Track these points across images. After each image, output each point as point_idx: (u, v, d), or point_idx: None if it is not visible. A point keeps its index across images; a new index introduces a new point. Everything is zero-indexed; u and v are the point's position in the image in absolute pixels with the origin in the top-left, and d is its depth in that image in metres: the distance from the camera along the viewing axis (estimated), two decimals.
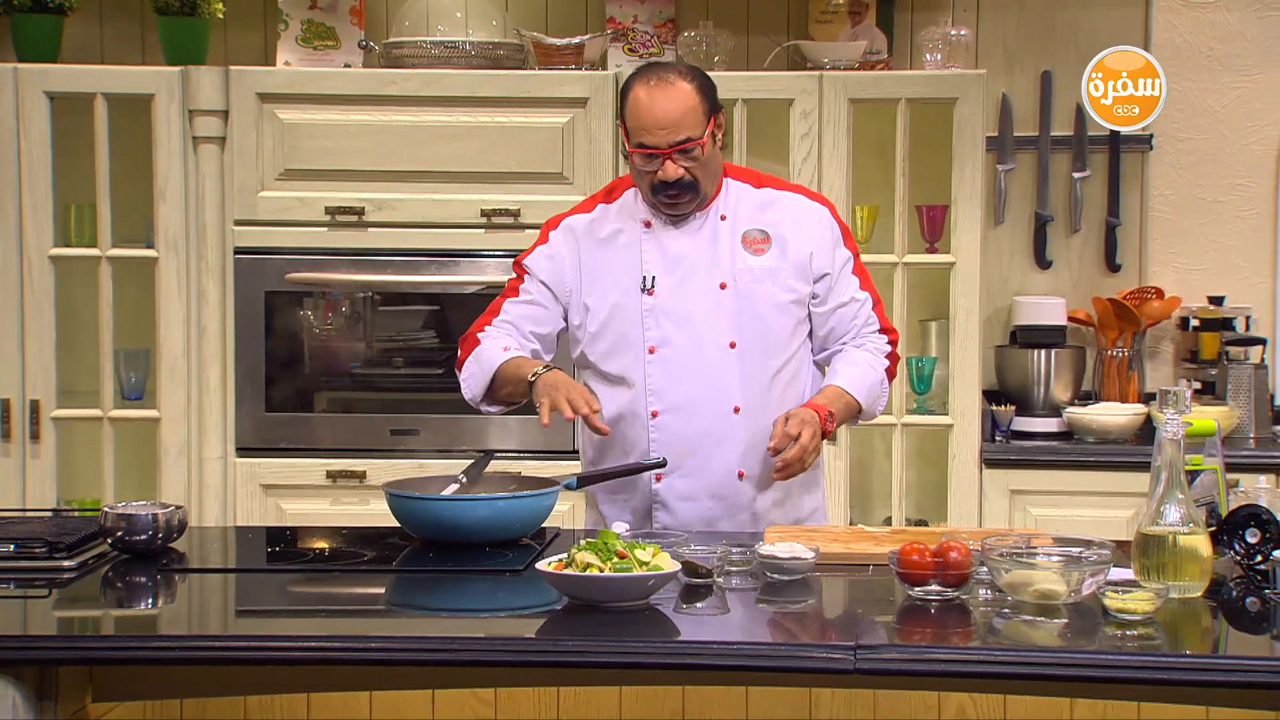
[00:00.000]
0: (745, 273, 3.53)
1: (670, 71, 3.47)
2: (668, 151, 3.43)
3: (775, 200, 3.59)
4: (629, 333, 3.55)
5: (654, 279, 3.54)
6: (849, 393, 3.54)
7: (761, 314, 3.53)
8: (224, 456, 4.88)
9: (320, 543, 3.66)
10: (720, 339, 3.53)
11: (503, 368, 3.53)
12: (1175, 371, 5.31)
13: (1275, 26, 5.21)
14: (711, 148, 3.49)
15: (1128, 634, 2.68)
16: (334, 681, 2.89)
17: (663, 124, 3.42)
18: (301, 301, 4.91)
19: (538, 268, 3.63)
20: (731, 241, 3.55)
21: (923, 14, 5.24)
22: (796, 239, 3.56)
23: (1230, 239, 5.28)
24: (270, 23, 5.19)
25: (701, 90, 3.46)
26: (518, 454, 4.83)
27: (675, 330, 3.53)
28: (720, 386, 3.52)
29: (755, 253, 3.54)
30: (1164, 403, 2.98)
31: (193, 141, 4.85)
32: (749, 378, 3.52)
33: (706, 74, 3.53)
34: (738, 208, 3.57)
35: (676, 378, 3.53)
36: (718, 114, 3.50)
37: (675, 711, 3.03)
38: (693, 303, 3.53)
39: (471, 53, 4.95)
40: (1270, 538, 3.01)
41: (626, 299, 3.55)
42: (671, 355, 3.53)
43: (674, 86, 3.43)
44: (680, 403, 3.53)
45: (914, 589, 2.88)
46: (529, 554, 3.21)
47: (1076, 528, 3.63)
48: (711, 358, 3.52)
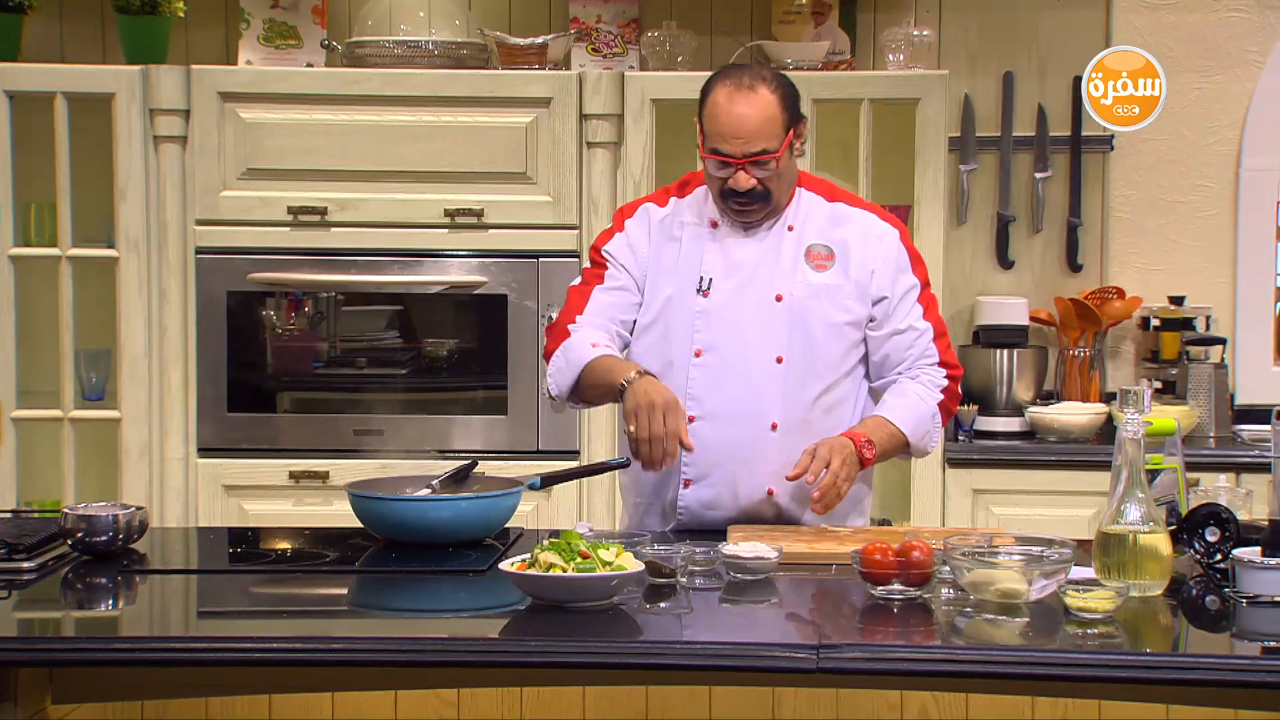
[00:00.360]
0: (803, 287, 3.45)
1: (755, 77, 3.38)
2: (741, 162, 3.35)
3: (846, 217, 3.50)
4: (678, 331, 3.48)
5: (711, 281, 3.46)
6: (893, 424, 3.45)
7: (813, 332, 3.45)
8: (185, 457, 4.86)
9: (283, 543, 3.65)
10: (768, 352, 3.45)
11: (592, 365, 3.40)
12: (1136, 371, 5.34)
13: (1235, 28, 5.25)
14: (788, 159, 3.41)
15: (1088, 633, 2.70)
16: (296, 682, 2.88)
17: (739, 133, 3.34)
18: (264, 301, 4.89)
19: (620, 254, 3.53)
20: (795, 254, 3.47)
21: (885, 14, 5.26)
22: (861, 258, 3.47)
23: (1191, 239, 5.31)
24: (232, 22, 5.16)
25: (784, 100, 3.38)
26: (481, 454, 4.82)
27: (724, 336, 3.45)
28: (760, 401, 3.44)
29: (818, 268, 3.46)
30: (1124, 402, 3.00)
31: (154, 141, 4.82)
32: (791, 396, 3.45)
33: (791, 82, 3.44)
34: (807, 220, 3.49)
35: (718, 385, 3.45)
36: (798, 124, 3.41)
37: (639, 711, 3.03)
38: (745, 311, 3.45)
39: (434, 52, 4.94)
40: (1230, 536, 3.03)
41: (681, 297, 3.48)
42: (716, 362, 3.45)
43: (755, 94, 3.34)
44: (717, 412, 3.45)
45: (877, 588, 2.88)
46: (492, 554, 3.20)
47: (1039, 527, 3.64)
48: (756, 370, 3.44)
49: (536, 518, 4.70)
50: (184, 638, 2.80)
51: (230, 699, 3.07)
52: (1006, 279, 5.33)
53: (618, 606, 2.82)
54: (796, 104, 3.42)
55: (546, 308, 4.81)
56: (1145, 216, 5.32)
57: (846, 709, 3.02)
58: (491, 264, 4.83)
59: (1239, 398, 5.23)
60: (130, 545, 3.26)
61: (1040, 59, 5.28)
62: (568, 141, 4.81)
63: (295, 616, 2.99)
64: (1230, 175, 5.29)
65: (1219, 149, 5.29)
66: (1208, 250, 5.31)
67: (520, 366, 4.84)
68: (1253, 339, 5.28)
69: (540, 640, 2.67)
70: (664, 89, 4.84)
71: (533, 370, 4.82)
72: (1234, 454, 4.82)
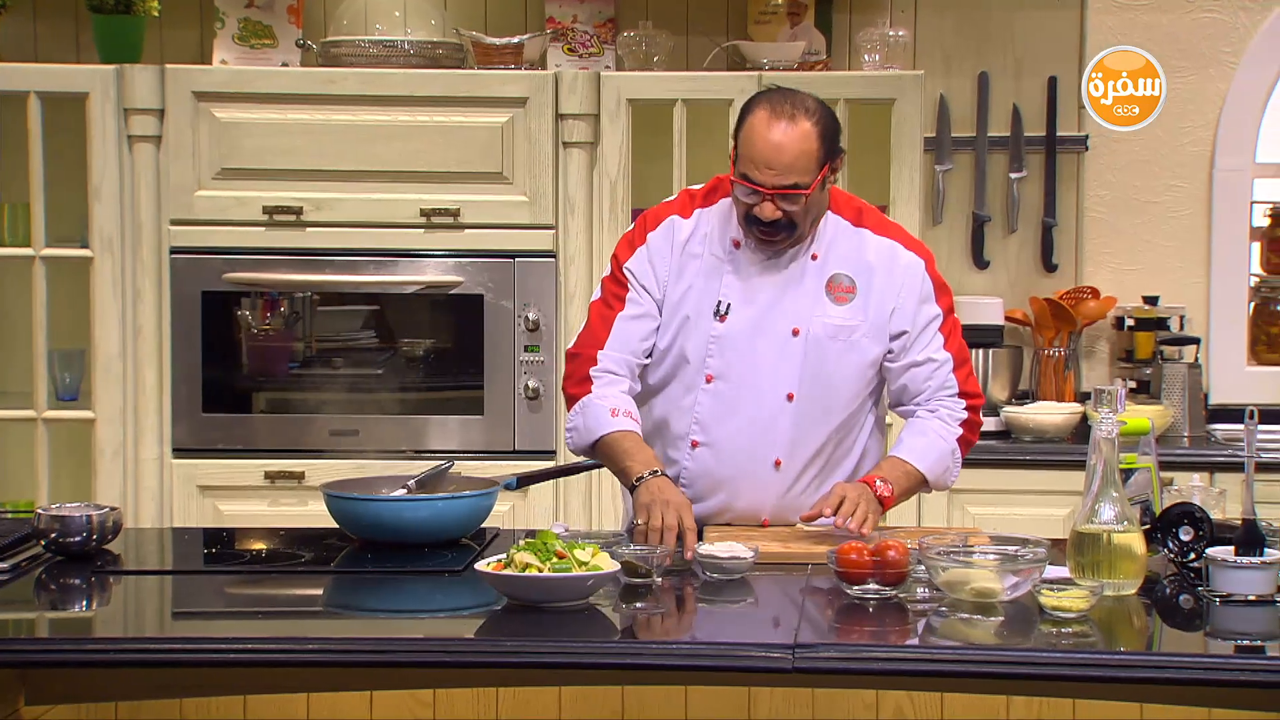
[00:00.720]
0: (821, 325, 3.38)
1: (798, 106, 3.27)
2: (770, 192, 3.26)
3: (871, 244, 3.42)
4: (691, 353, 3.41)
5: (729, 306, 3.39)
6: (911, 464, 3.40)
7: (828, 371, 3.39)
8: (160, 458, 4.84)
9: (258, 544, 3.64)
10: (779, 388, 3.39)
11: (608, 441, 3.34)
12: (1111, 371, 5.36)
13: (1208, 28, 5.27)
14: (819, 194, 3.31)
15: (1063, 631, 2.70)
16: (271, 683, 2.88)
17: (772, 164, 3.24)
18: (239, 301, 4.87)
19: (642, 273, 3.44)
20: (817, 286, 3.39)
21: (861, 15, 5.26)
22: (883, 293, 3.40)
23: (1165, 239, 5.33)
24: (206, 21, 5.15)
25: (824, 134, 3.27)
26: (457, 454, 4.81)
27: (737, 365, 3.39)
28: (766, 437, 3.40)
29: (838, 300, 3.39)
30: (1099, 402, 3.01)
31: (128, 140, 4.81)
32: (800, 434, 3.40)
33: (834, 115, 3.34)
34: (831, 247, 3.41)
35: (726, 415, 3.40)
36: (835, 159, 3.32)
37: (614, 711, 3.03)
38: (760, 342, 3.38)
39: (410, 52, 4.94)
40: (1203, 535, 3.04)
41: (698, 318, 3.41)
42: (726, 391, 3.40)
43: (795, 125, 3.24)
44: (721, 442, 3.41)
45: (852, 588, 2.89)
46: (468, 554, 3.20)
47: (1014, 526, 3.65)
48: (766, 406, 3.39)
49: (513, 518, 4.70)
50: (158, 639, 2.80)
51: (205, 700, 3.06)
52: (982, 279, 5.34)
53: (593, 606, 2.82)
54: (836, 138, 3.33)
55: (523, 307, 4.80)
56: (1120, 216, 5.34)
57: (822, 708, 3.02)
58: (468, 264, 4.83)
59: (1213, 397, 5.25)
60: (104, 546, 3.25)
61: (1015, 59, 5.30)
62: (544, 141, 4.80)
63: (270, 617, 2.99)
64: (1204, 175, 5.31)
65: (1192, 149, 5.31)
66: (1182, 250, 5.33)
67: (496, 366, 4.83)
68: (1226, 339, 5.30)
69: (516, 640, 2.67)
70: (640, 89, 4.84)
71: (509, 370, 4.82)
72: (1208, 453, 4.84)
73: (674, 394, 3.45)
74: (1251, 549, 2.88)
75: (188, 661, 2.68)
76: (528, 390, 4.82)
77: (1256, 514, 2.91)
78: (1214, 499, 3.27)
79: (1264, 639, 2.78)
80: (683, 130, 4.84)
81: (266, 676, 2.81)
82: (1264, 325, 5.33)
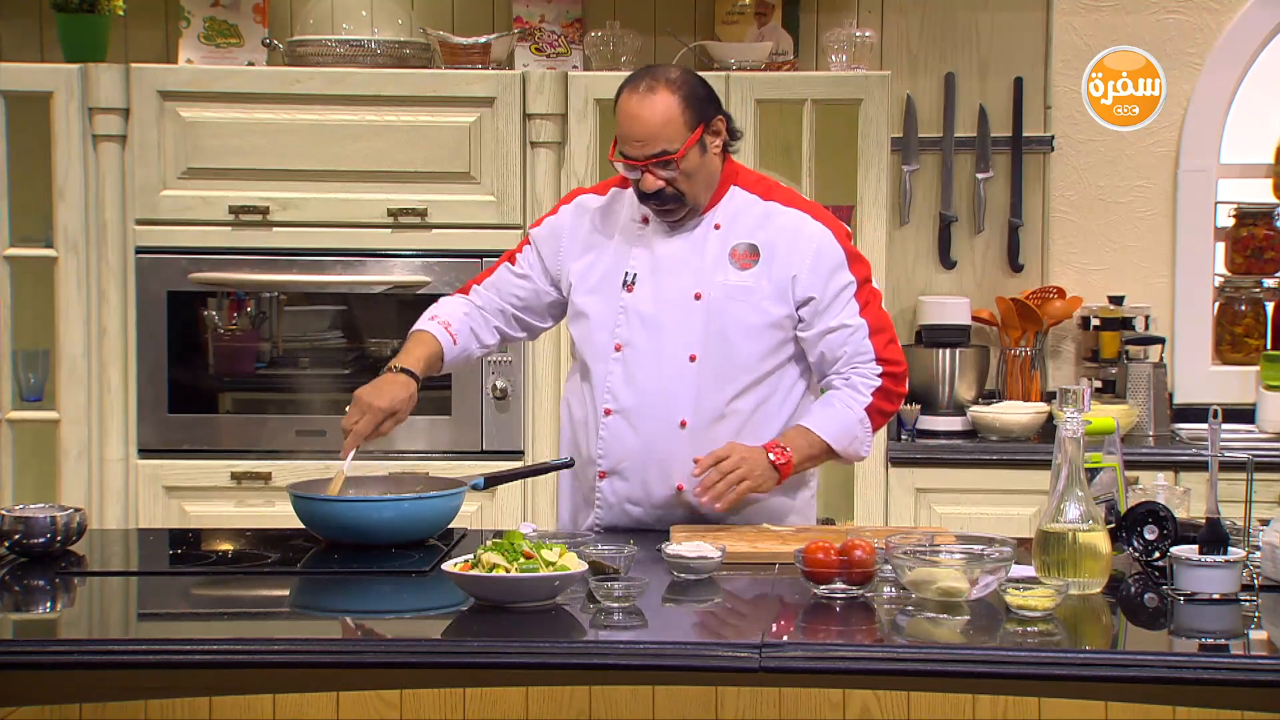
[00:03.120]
0: (722, 287, 3.45)
1: (656, 78, 3.39)
2: (643, 164, 3.37)
3: (777, 215, 3.48)
4: (601, 325, 3.51)
5: (635, 277, 3.49)
6: (814, 433, 3.44)
7: (729, 333, 3.45)
8: (125, 458, 4.82)
9: (224, 545, 3.63)
10: (682, 350, 3.46)
11: (408, 337, 3.60)
12: (1077, 370, 5.38)
13: (1172, 30, 5.29)
14: (698, 158, 3.40)
15: (1028, 630, 2.71)
16: (237, 684, 2.87)
17: (638, 136, 3.36)
18: (205, 301, 4.86)
19: (540, 238, 3.63)
20: (720, 252, 3.46)
21: (828, 15, 5.28)
22: (785, 259, 3.45)
23: (1130, 239, 5.36)
24: (172, 20, 5.13)
25: (686, 100, 3.37)
26: (425, 454, 4.81)
27: (642, 333, 3.48)
28: (671, 399, 3.46)
29: (741, 267, 3.45)
30: (1064, 401, 3.02)
31: (93, 140, 4.79)
32: (702, 395, 3.45)
33: (701, 80, 3.44)
34: (735, 219, 3.48)
35: (632, 381, 3.48)
36: (709, 121, 3.40)
37: (582, 711, 3.03)
38: (664, 308, 3.46)
39: (377, 51, 4.93)
40: (1168, 534, 3.05)
41: (607, 291, 3.51)
42: (633, 357, 3.48)
43: (654, 97, 3.36)
44: (629, 407, 3.48)
45: (819, 587, 2.89)
46: (435, 555, 3.20)
47: (980, 525, 3.67)
48: (668, 368, 3.46)
49: (480, 518, 4.70)
50: (123, 640, 2.78)
51: (170, 701, 3.04)
52: (948, 279, 5.36)
53: (560, 606, 2.82)
54: (704, 102, 3.40)
55: None
56: (1085, 216, 5.36)
57: (789, 708, 3.03)
58: (435, 264, 4.82)
59: (1177, 397, 5.27)
60: (68, 547, 3.23)
61: (981, 60, 5.31)
62: (511, 141, 4.80)
63: (236, 618, 2.98)
64: (1169, 176, 5.34)
65: (1157, 150, 5.33)
66: (1147, 250, 5.35)
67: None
68: (1191, 338, 5.33)
69: (483, 641, 2.67)
70: (607, 89, 4.81)
71: (476, 371, 4.81)
72: (1172, 452, 4.86)
73: (590, 367, 3.53)
74: (1215, 548, 2.89)
75: (152, 663, 2.67)
76: (495, 390, 4.81)
77: (1220, 513, 2.93)
78: (1178, 498, 3.29)
79: (1228, 637, 2.79)
80: None
81: (232, 678, 2.79)
82: (1228, 325, 5.36)
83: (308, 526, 3.33)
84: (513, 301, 3.64)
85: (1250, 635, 2.80)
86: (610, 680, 2.92)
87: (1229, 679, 2.58)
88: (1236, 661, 2.65)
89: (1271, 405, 5.08)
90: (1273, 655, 2.72)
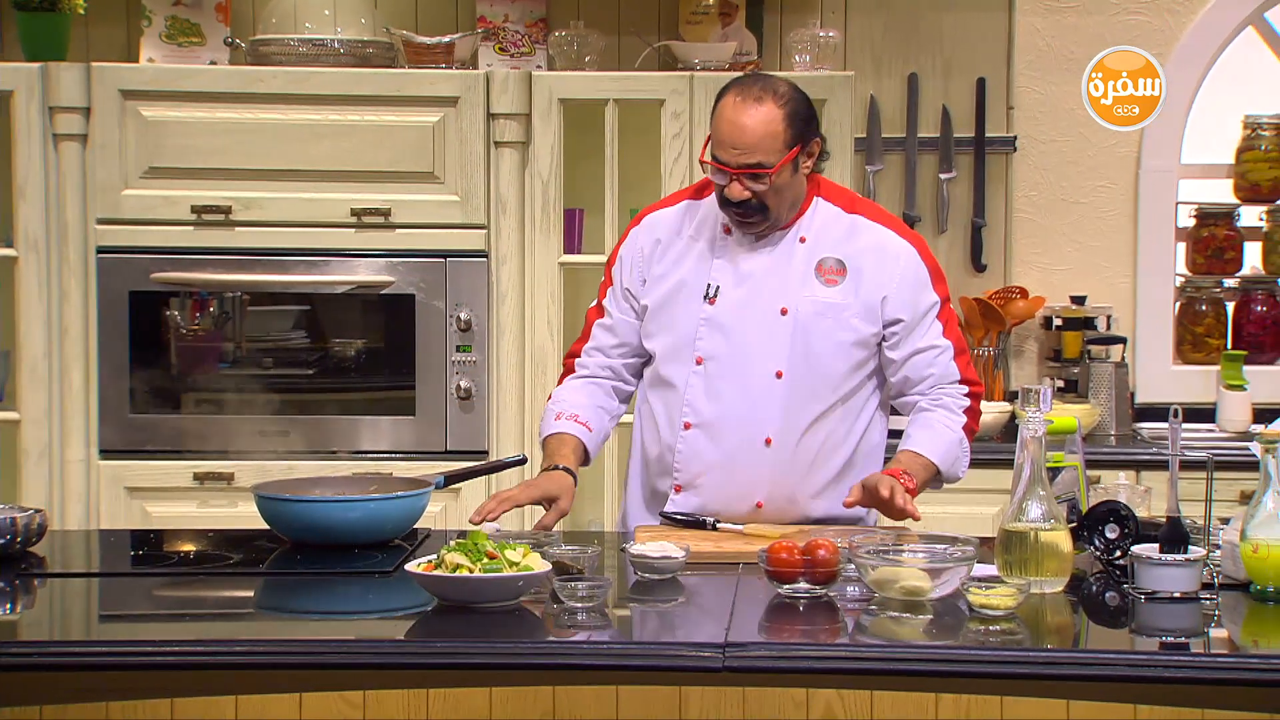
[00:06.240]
0: (809, 302, 3.41)
1: (764, 89, 3.33)
2: (735, 172, 3.32)
3: (863, 230, 3.44)
4: (682, 337, 3.46)
5: (718, 289, 3.44)
6: (925, 456, 3.41)
7: (816, 349, 3.41)
8: (87, 459, 4.80)
9: (186, 545, 3.61)
10: (768, 366, 3.41)
11: (543, 444, 3.52)
12: (1039, 370, 5.41)
13: (1134, 31, 5.31)
14: (789, 176, 3.35)
15: (991, 629, 2.72)
16: (199, 686, 2.85)
17: (736, 143, 3.30)
18: (168, 301, 4.83)
19: (619, 274, 3.56)
20: (805, 267, 3.42)
21: (791, 16, 5.28)
22: (874, 277, 3.42)
23: (1092, 239, 5.38)
24: (133, 19, 5.10)
25: (790, 116, 3.32)
26: (389, 454, 4.80)
27: (726, 346, 3.43)
28: (756, 415, 3.41)
29: (828, 283, 3.42)
30: (1026, 401, 3.03)
31: (53, 139, 4.76)
32: (789, 412, 3.41)
33: (806, 100, 3.38)
34: (821, 231, 3.44)
35: (715, 395, 3.43)
36: (808, 142, 3.36)
37: (546, 712, 3.03)
38: (749, 323, 3.42)
39: (340, 51, 4.91)
40: (1129, 533, 3.07)
41: (689, 302, 3.46)
42: (716, 371, 3.43)
43: (759, 106, 3.30)
44: (712, 421, 3.43)
45: (783, 587, 2.90)
46: (399, 555, 3.19)
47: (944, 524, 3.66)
48: (755, 384, 3.41)
49: (445, 518, 4.69)
50: (84, 642, 2.77)
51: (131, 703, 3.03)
52: None
53: (524, 607, 2.82)
54: (805, 123, 3.36)
55: (455, 308, 4.79)
56: (1048, 217, 5.38)
57: (753, 708, 3.03)
58: (399, 264, 4.81)
59: (1139, 396, 5.30)
60: (29, 549, 3.21)
61: (944, 61, 5.33)
62: (475, 141, 4.79)
63: (199, 619, 2.97)
64: (1130, 176, 5.36)
65: (1119, 150, 5.36)
66: (1109, 250, 5.38)
67: (428, 367, 4.82)
68: (1152, 338, 5.36)
69: (447, 641, 2.67)
70: (572, 89, 4.84)
71: (440, 371, 4.80)
72: (1134, 452, 4.89)
73: (668, 380, 3.49)
74: (1176, 546, 2.91)
75: (114, 665, 2.65)
76: (459, 390, 4.81)
77: (1181, 512, 2.95)
78: (1139, 497, 3.31)
79: (1188, 635, 2.81)
80: (614, 130, 4.84)
81: (194, 679, 2.78)
82: (1189, 325, 5.39)
83: (272, 527, 3.32)
84: (620, 354, 3.57)
85: (1210, 633, 2.82)
86: (574, 680, 2.91)
87: (1189, 677, 2.60)
88: (1197, 660, 2.66)
89: (1232, 404, 5.11)
90: (1232, 653, 2.74)
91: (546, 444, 3.50)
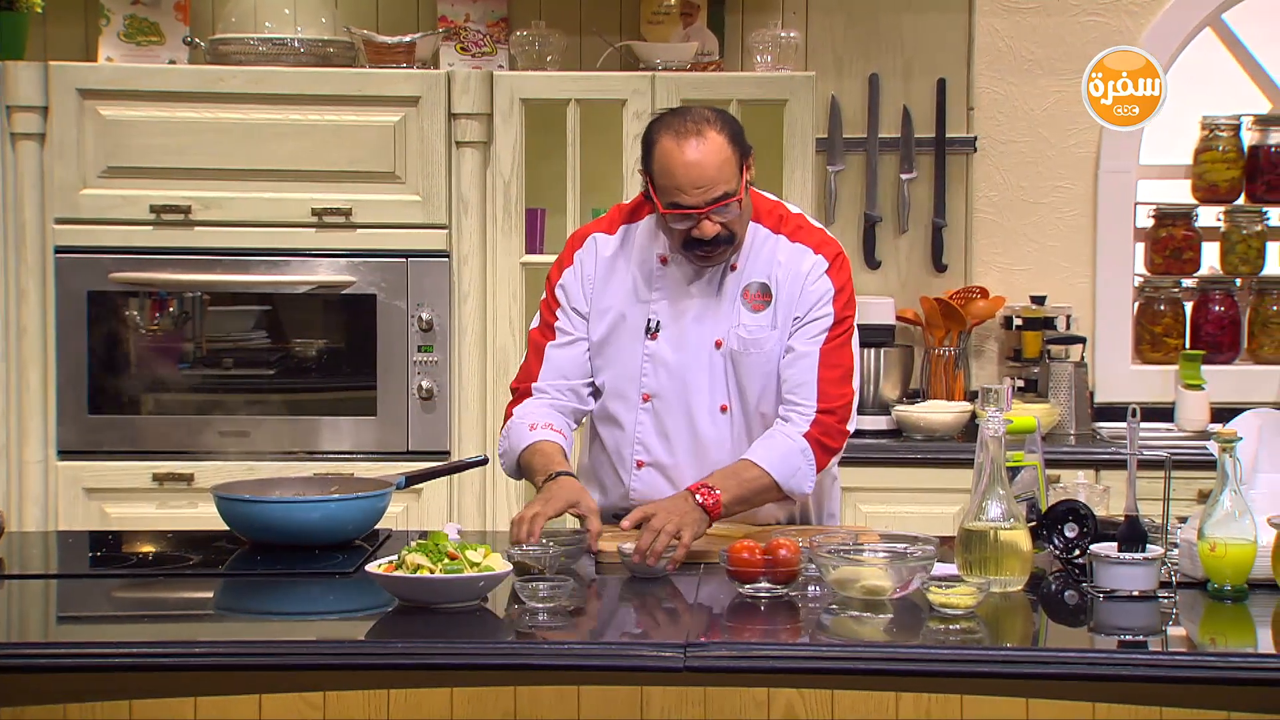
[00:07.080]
0: (737, 337, 3.37)
1: (698, 121, 3.25)
2: (704, 211, 3.24)
3: (783, 250, 3.39)
4: (626, 373, 3.42)
5: (659, 323, 3.40)
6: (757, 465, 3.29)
7: (751, 380, 3.38)
8: (45, 460, 4.77)
9: (145, 547, 3.60)
10: (712, 401, 3.40)
11: (525, 456, 3.35)
12: (1000, 370, 5.43)
13: (1093, 32, 5.34)
14: (746, 197, 3.32)
15: (951, 628, 2.74)
16: (158, 687, 2.84)
17: (697, 182, 3.22)
18: (127, 301, 4.81)
19: (570, 295, 3.46)
20: (734, 294, 3.39)
21: (753, 16, 5.29)
22: (788, 300, 3.38)
23: (1051, 239, 5.41)
24: (92, 18, 5.08)
25: (733, 138, 3.26)
26: (350, 455, 4.78)
27: (670, 384, 3.39)
28: (708, 453, 3.39)
29: (754, 309, 3.38)
30: (986, 400, 3.05)
31: (11, 138, 4.73)
32: (740, 445, 3.38)
33: (733, 117, 3.33)
34: (750, 257, 3.39)
35: (664, 435, 3.41)
36: (748, 158, 3.31)
37: (507, 712, 3.03)
38: (688, 358, 3.38)
39: (300, 50, 4.90)
40: (1088, 532, 3.09)
41: (631, 339, 3.41)
42: (663, 409, 3.40)
43: (703, 140, 3.22)
44: (665, 461, 3.42)
45: (744, 586, 2.91)
46: (360, 556, 3.19)
47: (905, 524, 3.69)
48: (702, 420, 3.39)
49: (406, 519, 4.68)
50: (41, 644, 2.76)
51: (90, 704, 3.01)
52: (874, 279, 5.39)
53: (485, 607, 2.81)
54: (743, 137, 3.31)
55: (416, 307, 4.78)
56: (1007, 217, 5.40)
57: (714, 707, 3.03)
58: (360, 264, 4.80)
59: (1098, 396, 5.33)
60: None
61: (905, 61, 5.34)
62: (436, 141, 4.78)
63: (158, 621, 2.96)
64: (1089, 177, 5.39)
65: (1078, 151, 5.38)
66: (1068, 250, 5.40)
67: (389, 367, 4.80)
68: (1111, 338, 5.38)
69: (407, 642, 2.67)
70: (533, 89, 4.84)
71: (402, 371, 4.79)
72: (1093, 451, 4.91)
73: (615, 415, 3.45)
74: (1134, 545, 2.93)
75: (72, 666, 2.64)
76: (421, 390, 4.80)
77: (1139, 511, 2.96)
78: (1098, 496, 3.33)
79: (1146, 634, 2.83)
80: (576, 130, 4.84)
81: (153, 681, 2.77)
82: (1148, 325, 5.42)
83: (232, 528, 3.31)
84: (578, 373, 3.46)
85: (1168, 632, 2.84)
86: (535, 680, 2.91)
87: (1147, 675, 2.62)
88: (1155, 658, 2.68)
89: (1190, 404, 5.14)
90: (1190, 652, 2.76)
91: (529, 455, 3.35)
